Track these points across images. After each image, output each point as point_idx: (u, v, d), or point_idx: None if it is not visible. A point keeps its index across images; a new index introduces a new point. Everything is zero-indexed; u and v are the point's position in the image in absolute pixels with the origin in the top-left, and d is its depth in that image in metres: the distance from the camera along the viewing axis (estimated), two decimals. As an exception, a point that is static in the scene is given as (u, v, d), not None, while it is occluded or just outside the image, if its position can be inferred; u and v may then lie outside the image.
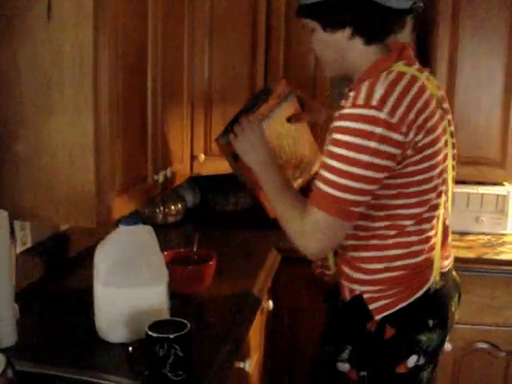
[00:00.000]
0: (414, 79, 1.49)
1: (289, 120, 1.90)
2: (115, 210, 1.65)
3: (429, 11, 2.80)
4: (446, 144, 1.58)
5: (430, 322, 1.59)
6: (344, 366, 1.64)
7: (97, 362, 1.48)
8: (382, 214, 1.55)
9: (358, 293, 1.61)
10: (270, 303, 2.33)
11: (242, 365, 1.80)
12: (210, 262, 1.95)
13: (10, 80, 1.61)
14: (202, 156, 2.44)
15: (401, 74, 1.48)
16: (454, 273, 1.73)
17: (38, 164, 1.62)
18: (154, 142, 1.92)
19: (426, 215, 1.56)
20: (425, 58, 2.83)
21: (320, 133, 1.97)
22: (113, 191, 1.63)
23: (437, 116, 1.53)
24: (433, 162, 1.52)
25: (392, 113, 1.39)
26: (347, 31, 1.54)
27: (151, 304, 1.56)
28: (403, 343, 1.59)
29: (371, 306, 1.58)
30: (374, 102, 1.40)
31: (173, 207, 2.81)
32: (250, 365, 1.92)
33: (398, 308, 1.56)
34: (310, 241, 1.49)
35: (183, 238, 2.70)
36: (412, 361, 1.60)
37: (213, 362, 1.49)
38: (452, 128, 1.65)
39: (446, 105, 1.63)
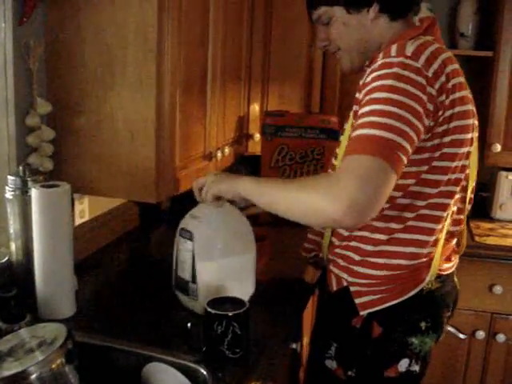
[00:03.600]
0: (442, 50, 1.37)
1: None
2: (175, 186, 1.65)
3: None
4: (473, 129, 1.43)
5: (423, 325, 1.47)
6: (332, 363, 1.53)
7: (157, 336, 1.49)
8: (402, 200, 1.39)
9: (345, 284, 1.49)
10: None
11: (294, 345, 1.80)
12: (264, 242, 1.94)
13: (75, 53, 1.63)
14: (258, 135, 2.43)
15: (429, 42, 1.36)
16: (455, 279, 1.60)
17: (100, 138, 1.64)
18: (212, 119, 1.92)
19: (437, 200, 1.40)
20: (487, 42, 2.75)
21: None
22: (173, 167, 1.64)
23: (467, 92, 1.41)
24: (461, 137, 1.37)
25: (427, 67, 1.28)
26: (374, 8, 1.45)
27: (244, 270, 1.60)
28: (392, 344, 1.47)
29: (357, 300, 1.46)
30: (409, 53, 1.29)
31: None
32: (303, 346, 1.91)
33: (386, 305, 1.44)
34: (346, 194, 1.14)
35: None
36: (403, 365, 1.48)
37: (268, 342, 1.48)
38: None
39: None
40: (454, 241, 1.55)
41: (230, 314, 1.32)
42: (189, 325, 1.37)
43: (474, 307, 2.60)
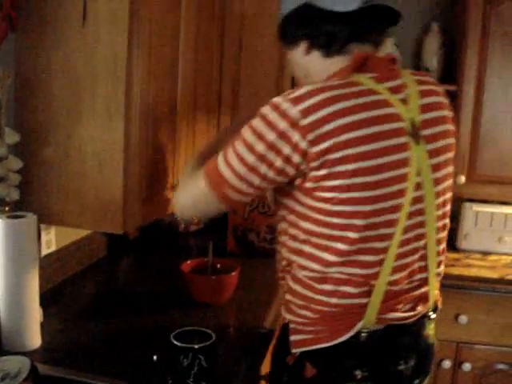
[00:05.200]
0: (364, 92, 1.31)
1: None
2: (142, 217, 1.65)
3: (457, 30, 2.80)
4: (405, 177, 1.34)
5: (358, 373, 1.38)
6: None
7: (123, 368, 1.47)
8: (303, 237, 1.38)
9: (287, 320, 1.45)
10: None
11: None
12: (233, 273, 1.94)
13: (43, 84, 1.63)
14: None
15: (348, 84, 1.32)
16: (426, 333, 1.49)
17: (67, 169, 1.63)
18: (181, 150, 1.92)
19: (354, 257, 1.33)
20: (452, 76, 2.83)
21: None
22: (140, 198, 1.64)
23: (392, 141, 1.32)
24: (367, 194, 1.29)
25: (306, 113, 1.25)
26: (303, 46, 1.44)
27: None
28: None
29: (291, 338, 1.41)
30: (292, 96, 1.28)
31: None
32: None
33: (318, 347, 1.38)
34: (180, 194, 1.51)
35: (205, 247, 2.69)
36: None
37: (236, 374, 1.48)
38: (436, 160, 1.40)
39: (428, 131, 1.39)
40: (420, 290, 1.44)
41: (196, 346, 1.32)
42: (155, 357, 1.37)
43: (440, 337, 2.60)
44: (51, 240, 1.97)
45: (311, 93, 1.27)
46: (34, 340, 1.53)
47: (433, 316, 1.51)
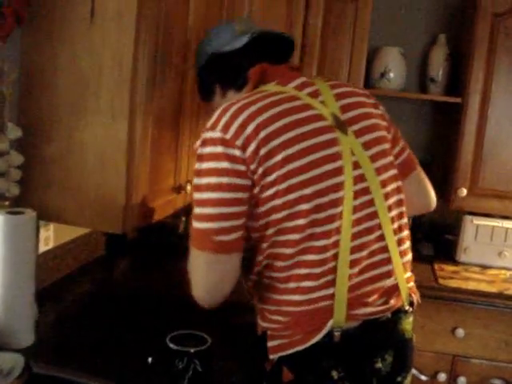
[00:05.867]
0: (285, 99, 1.40)
1: None
2: (143, 218, 1.64)
3: (464, 42, 2.80)
4: (340, 171, 1.39)
5: (335, 374, 1.39)
6: None
7: (117, 369, 1.47)
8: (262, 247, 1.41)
9: (263, 328, 1.46)
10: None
11: None
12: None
13: (48, 79, 1.63)
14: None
15: (256, 93, 1.43)
16: (402, 327, 1.49)
17: (68, 166, 1.63)
18: (183, 151, 1.92)
19: (299, 257, 1.37)
20: (457, 88, 2.82)
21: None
22: (141, 199, 1.63)
23: (320, 138, 1.38)
24: (304, 177, 1.35)
25: (226, 129, 1.33)
26: (218, 91, 1.58)
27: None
28: None
29: (268, 344, 1.42)
30: (209, 124, 1.37)
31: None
32: None
33: (294, 351, 1.39)
34: (194, 286, 1.39)
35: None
36: None
37: (231, 379, 1.47)
38: (371, 152, 1.46)
39: (355, 127, 1.46)
40: (387, 280, 1.45)
41: (192, 350, 1.31)
42: (149, 360, 1.36)
43: (436, 349, 2.61)
44: (49, 237, 1.96)
45: (222, 112, 1.37)
46: (28, 337, 1.52)
47: (409, 310, 1.51)
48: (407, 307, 1.50)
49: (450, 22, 3.01)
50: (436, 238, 3.12)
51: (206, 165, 1.34)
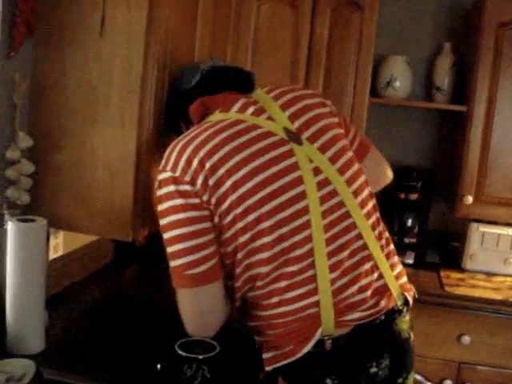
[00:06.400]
0: (229, 125, 1.42)
1: None
2: (150, 227, 1.66)
3: (470, 51, 2.81)
4: (300, 181, 1.39)
5: (329, 382, 1.40)
6: None
7: (126, 376, 1.48)
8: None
9: (258, 341, 1.49)
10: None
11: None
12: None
13: (58, 90, 1.65)
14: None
15: (200, 125, 1.45)
16: (398, 328, 1.47)
17: (79, 175, 1.65)
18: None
19: (276, 272, 1.38)
20: (463, 96, 2.84)
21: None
22: (149, 207, 1.65)
23: (272, 154, 1.39)
24: (259, 196, 1.36)
25: (174, 167, 1.37)
26: (183, 126, 1.60)
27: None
28: None
29: (263, 355, 1.44)
30: (161, 166, 1.40)
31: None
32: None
33: (287, 362, 1.40)
34: (185, 322, 1.41)
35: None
36: None
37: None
38: (330, 153, 1.46)
39: (307, 133, 1.46)
40: (370, 278, 1.44)
41: (200, 357, 1.32)
42: (158, 366, 1.37)
43: (442, 356, 2.61)
44: (59, 244, 1.98)
45: (169, 152, 1.40)
46: (38, 344, 1.53)
47: (403, 309, 1.49)
48: (401, 306, 1.48)
49: (455, 30, 3.02)
50: (442, 246, 3.13)
51: (164, 205, 1.37)
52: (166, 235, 1.38)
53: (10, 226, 1.45)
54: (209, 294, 1.39)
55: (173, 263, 1.38)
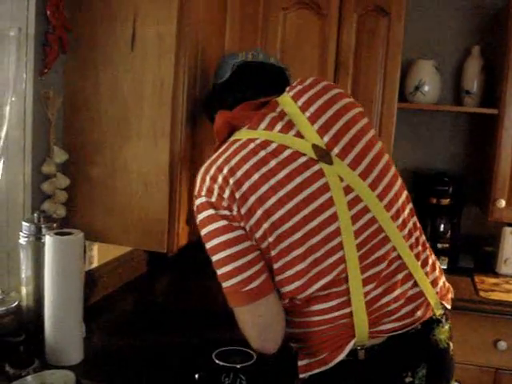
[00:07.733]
0: (258, 147, 1.39)
1: None
2: (184, 238, 1.68)
3: (498, 53, 2.79)
4: (331, 202, 1.37)
5: None
6: None
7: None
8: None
9: (294, 348, 1.49)
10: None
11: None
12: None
13: (91, 105, 1.68)
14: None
15: (231, 143, 1.43)
16: (435, 338, 1.45)
17: (113, 187, 1.68)
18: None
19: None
20: (492, 99, 2.81)
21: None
22: (183, 218, 1.67)
23: (303, 176, 1.37)
24: (290, 223, 1.35)
25: (209, 194, 1.37)
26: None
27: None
28: None
29: (298, 363, 1.45)
30: (196, 192, 1.41)
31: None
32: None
33: (320, 370, 1.41)
34: (250, 340, 1.40)
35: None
36: None
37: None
38: (362, 167, 1.41)
39: (339, 147, 1.40)
40: (405, 287, 1.44)
41: (238, 366, 1.33)
42: (196, 376, 1.38)
43: (479, 362, 2.58)
44: (94, 256, 2.01)
45: (202, 178, 1.40)
46: (77, 355, 1.55)
47: (442, 318, 1.47)
48: (440, 316, 1.46)
49: (483, 33, 3.00)
50: (475, 250, 3.09)
51: (206, 229, 1.37)
52: (214, 258, 1.38)
53: (48, 240, 1.48)
54: (267, 307, 1.38)
55: (225, 284, 1.37)
